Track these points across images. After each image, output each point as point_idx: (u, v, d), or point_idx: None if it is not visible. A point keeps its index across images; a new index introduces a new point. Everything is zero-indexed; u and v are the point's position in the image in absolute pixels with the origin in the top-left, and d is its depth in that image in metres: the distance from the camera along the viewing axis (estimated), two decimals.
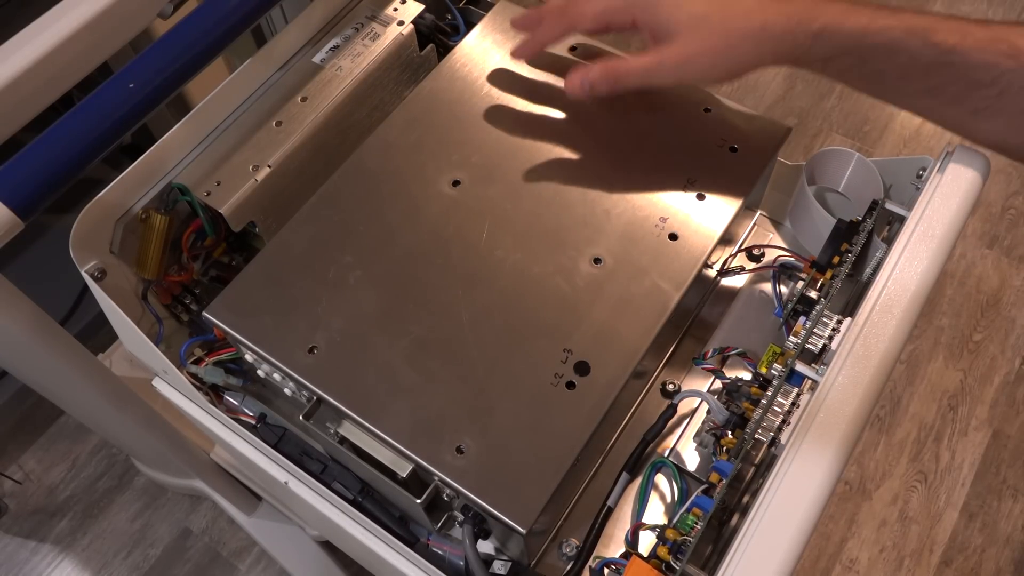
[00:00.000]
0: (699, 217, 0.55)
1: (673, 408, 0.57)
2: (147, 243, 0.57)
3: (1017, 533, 1.19)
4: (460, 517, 0.50)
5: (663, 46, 0.52)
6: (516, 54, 0.61)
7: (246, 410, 0.59)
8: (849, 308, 0.60)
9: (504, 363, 0.50)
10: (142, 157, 0.56)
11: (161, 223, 0.57)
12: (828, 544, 1.18)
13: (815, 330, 0.51)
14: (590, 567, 0.53)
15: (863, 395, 0.46)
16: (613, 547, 0.55)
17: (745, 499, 0.52)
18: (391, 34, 0.65)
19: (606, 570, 0.52)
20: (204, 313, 0.52)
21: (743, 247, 0.66)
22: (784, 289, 0.63)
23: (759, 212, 0.68)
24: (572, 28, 0.57)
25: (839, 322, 0.52)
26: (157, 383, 0.61)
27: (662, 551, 0.48)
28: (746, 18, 0.49)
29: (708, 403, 0.54)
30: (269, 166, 0.58)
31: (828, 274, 0.56)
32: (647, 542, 0.54)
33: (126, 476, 1.22)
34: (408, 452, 0.48)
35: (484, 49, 0.63)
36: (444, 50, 0.69)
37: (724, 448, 0.51)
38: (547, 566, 0.54)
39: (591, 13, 0.55)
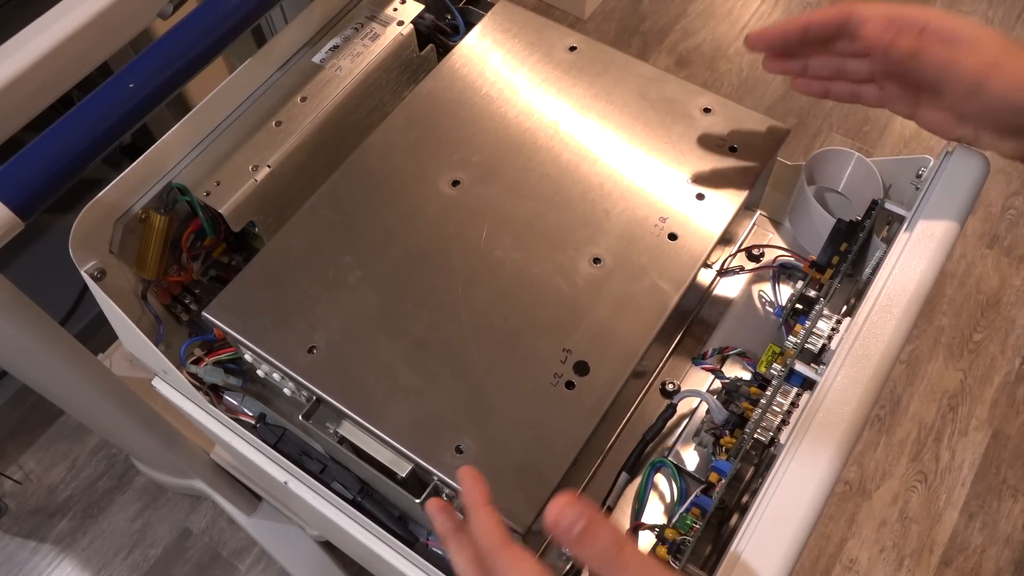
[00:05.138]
0: (698, 217, 0.55)
1: (673, 408, 0.57)
2: (147, 243, 0.57)
3: (1017, 533, 1.19)
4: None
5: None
6: (757, 37, 0.53)
7: (246, 410, 0.59)
8: (849, 308, 0.60)
9: (503, 363, 0.50)
10: (142, 157, 0.56)
11: (161, 223, 0.57)
12: (828, 544, 1.18)
13: (814, 330, 0.52)
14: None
15: (862, 395, 0.46)
16: None
17: (744, 499, 0.52)
18: (391, 34, 0.65)
19: None
20: (204, 313, 0.52)
21: (743, 247, 0.66)
22: (784, 289, 0.63)
23: (759, 212, 0.68)
24: (846, 23, 0.50)
25: (838, 322, 0.52)
26: (157, 383, 0.61)
27: (661, 551, 0.48)
28: None
29: (708, 403, 0.54)
30: (269, 166, 0.58)
31: (827, 274, 0.56)
32: (646, 542, 0.54)
33: (126, 476, 1.22)
34: (407, 452, 0.48)
35: (484, 49, 0.63)
36: (444, 50, 0.69)
37: (723, 448, 0.51)
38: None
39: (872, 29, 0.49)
